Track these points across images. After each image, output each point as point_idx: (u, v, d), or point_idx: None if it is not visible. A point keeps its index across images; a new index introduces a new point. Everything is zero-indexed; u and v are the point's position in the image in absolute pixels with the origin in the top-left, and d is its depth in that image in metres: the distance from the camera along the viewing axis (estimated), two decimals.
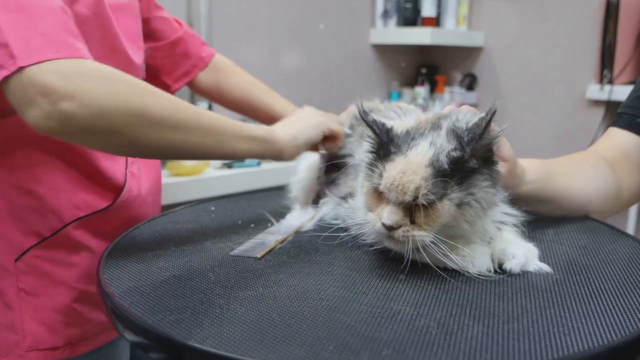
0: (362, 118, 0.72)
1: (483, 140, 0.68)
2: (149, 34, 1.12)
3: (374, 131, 0.71)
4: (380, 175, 0.68)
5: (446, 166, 0.66)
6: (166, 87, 1.18)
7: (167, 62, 1.16)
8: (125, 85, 0.71)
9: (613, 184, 0.96)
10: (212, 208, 1.03)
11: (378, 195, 0.70)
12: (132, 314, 0.60)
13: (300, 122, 0.96)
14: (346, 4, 2.36)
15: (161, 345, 0.56)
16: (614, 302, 0.62)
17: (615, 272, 0.71)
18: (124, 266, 0.74)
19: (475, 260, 0.70)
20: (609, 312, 0.60)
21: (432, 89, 2.54)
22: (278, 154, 0.90)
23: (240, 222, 0.94)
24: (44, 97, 0.65)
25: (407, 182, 0.66)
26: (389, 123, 0.73)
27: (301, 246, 0.81)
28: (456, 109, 0.77)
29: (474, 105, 2.44)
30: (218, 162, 1.78)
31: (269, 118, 1.22)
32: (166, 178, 1.69)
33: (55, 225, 0.86)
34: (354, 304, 0.62)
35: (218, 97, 1.23)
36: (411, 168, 0.66)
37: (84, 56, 0.69)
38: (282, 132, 0.91)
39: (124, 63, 0.91)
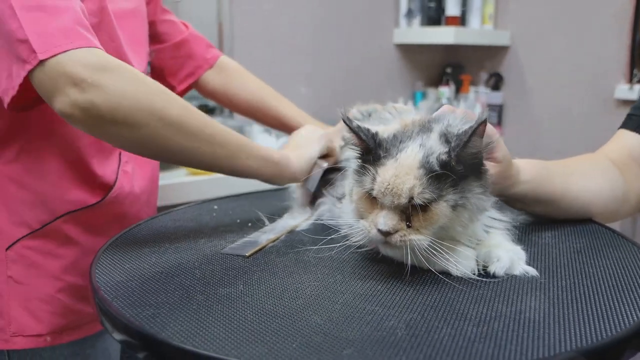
0: (347, 125, 0.72)
1: (468, 149, 0.67)
2: (155, 36, 1.15)
3: (359, 137, 0.71)
4: (373, 180, 0.68)
5: (437, 168, 0.66)
6: (171, 89, 1.18)
7: (171, 63, 1.19)
8: (148, 85, 0.76)
9: (620, 186, 0.93)
10: (215, 207, 1.05)
11: (370, 201, 0.69)
12: (112, 307, 0.62)
13: (304, 142, 1.00)
14: (369, 4, 2.35)
15: (136, 339, 0.58)
16: (593, 308, 0.61)
17: (604, 276, 0.69)
18: (116, 261, 0.77)
19: (460, 262, 0.69)
20: (585, 317, 0.58)
21: (458, 89, 2.51)
22: (291, 178, 0.93)
23: (238, 221, 0.96)
24: (73, 86, 0.70)
25: (400, 184, 0.65)
26: (373, 128, 0.73)
27: (292, 245, 0.82)
28: (449, 112, 0.77)
29: (499, 106, 2.40)
30: None
31: (276, 122, 1.24)
32: (184, 177, 1.73)
33: (45, 218, 0.90)
34: (328, 303, 0.63)
35: (225, 100, 1.25)
36: (403, 170, 0.66)
37: (97, 46, 0.75)
38: (293, 155, 0.94)
39: None
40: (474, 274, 0.69)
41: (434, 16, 2.31)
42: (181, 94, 1.22)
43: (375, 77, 2.44)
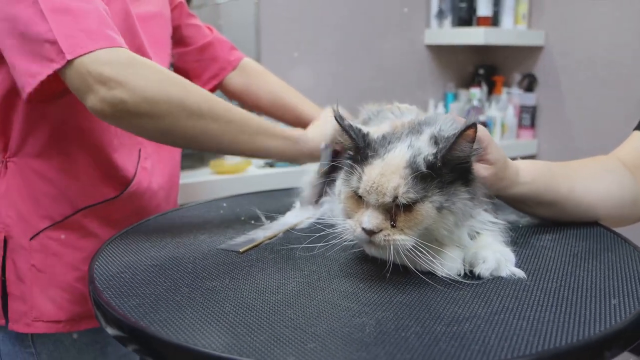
0: (338, 123, 0.72)
1: (455, 152, 0.67)
2: (180, 40, 1.20)
3: (350, 136, 0.72)
4: (359, 179, 0.68)
5: (423, 168, 0.66)
6: None
7: (196, 65, 1.23)
8: (168, 78, 0.83)
9: (630, 189, 0.90)
10: (224, 205, 1.08)
11: (357, 200, 0.70)
12: (102, 296, 0.65)
13: (323, 121, 1.03)
14: (400, 5, 2.34)
15: (115, 325, 0.61)
16: (573, 311, 0.59)
17: (594, 280, 0.68)
18: (117, 254, 0.80)
19: (445, 263, 0.69)
20: (561, 320, 0.57)
21: (490, 90, 2.46)
22: (310, 154, 0.96)
23: (242, 218, 0.98)
24: (101, 84, 0.77)
25: (385, 183, 0.66)
26: (365, 128, 0.74)
27: (289, 243, 0.83)
28: (438, 116, 0.77)
29: (533, 107, 2.34)
30: (260, 161, 1.84)
31: (295, 119, 1.27)
32: (209, 176, 1.77)
33: (66, 211, 0.95)
34: (306, 299, 0.64)
35: (247, 99, 1.29)
36: (390, 169, 0.67)
37: (121, 45, 0.81)
38: (312, 133, 0.98)
39: None
40: (459, 275, 0.69)
41: (465, 17, 2.28)
42: None
43: (406, 78, 2.42)
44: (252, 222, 0.95)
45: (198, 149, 0.91)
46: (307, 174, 1.03)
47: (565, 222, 0.89)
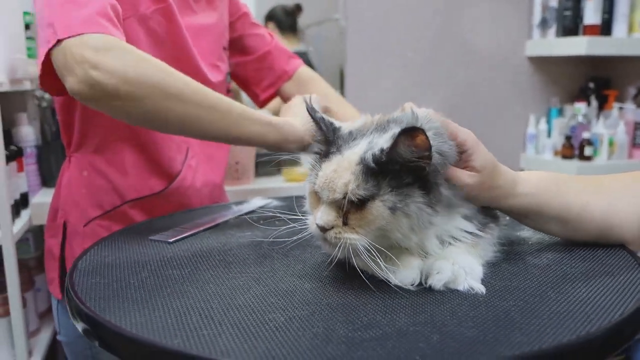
0: (311, 115, 0.72)
1: (396, 154, 0.62)
2: (242, 49, 1.28)
3: (320, 128, 0.72)
4: (317, 175, 0.68)
5: (372, 164, 0.63)
6: (256, 96, 1.33)
7: (255, 74, 1.31)
8: (147, 62, 0.85)
9: None
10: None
11: (317, 196, 0.69)
12: (72, 274, 0.72)
13: (302, 110, 1.02)
14: (499, 15, 2.23)
15: (69, 298, 0.66)
16: (497, 332, 0.53)
17: (556, 304, 0.59)
18: (119, 240, 0.87)
19: (400, 272, 0.65)
20: (477, 340, 0.51)
21: (602, 105, 2.24)
22: (300, 140, 0.97)
23: (255, 217, 1.00)
24: (79, 65, 0.80)
25: (337, 179, 0.64)
26: (337, 123, 0.73)
27: (274, 239, 0.83)
28: (407, 114, 0.73)
29: None
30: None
31: None
32: (281, 183, 1.83)
33: (115, 202, 1.05)
34: (240, 293, 0.64)
35: None
36: (344, 166, 0.65)
37: (112, 34, 0.84)
38: (296, 120, 0.99)
39: (196, 77, 1.05)
40: (412, 285, 0.65)
41: (571, 25, 2.10)
42: (265, 101, 1.34)
43: (505, 92, 2.29)
44: (261, 222, 0.97)
45: (182, 134, 0.92)
46: None
47: (586, 244, 0.79)
